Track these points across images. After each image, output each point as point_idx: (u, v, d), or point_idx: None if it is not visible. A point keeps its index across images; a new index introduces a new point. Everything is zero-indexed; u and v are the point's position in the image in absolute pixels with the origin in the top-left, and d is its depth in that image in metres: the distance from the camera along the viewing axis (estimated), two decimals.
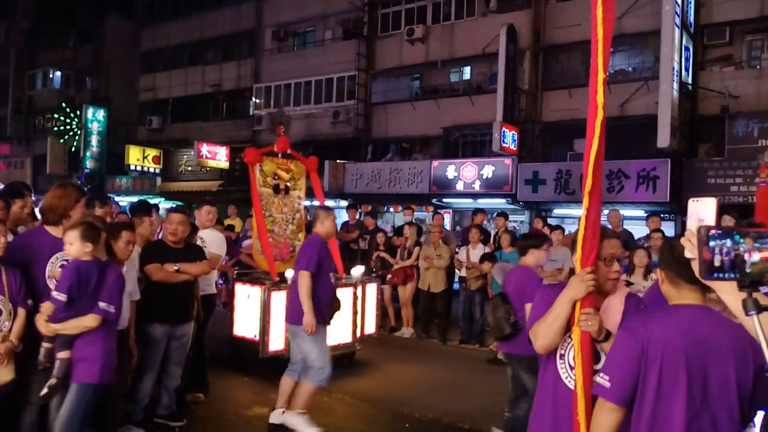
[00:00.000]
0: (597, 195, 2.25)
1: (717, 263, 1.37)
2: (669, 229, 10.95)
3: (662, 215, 9.94)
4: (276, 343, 5.85)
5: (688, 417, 1.82)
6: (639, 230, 9.28)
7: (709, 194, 11.25)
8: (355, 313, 6.51)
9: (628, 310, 2.32)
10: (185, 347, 4.67)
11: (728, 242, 1.37)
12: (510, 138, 13.40)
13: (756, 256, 1.35)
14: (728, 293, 1.45)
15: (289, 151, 7.01)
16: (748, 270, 1.34)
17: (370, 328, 7.03)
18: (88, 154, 23.08)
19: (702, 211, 1.53)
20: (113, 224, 4.35)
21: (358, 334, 6.60)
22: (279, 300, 5.88)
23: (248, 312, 6.11)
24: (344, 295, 5.92)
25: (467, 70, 16.38)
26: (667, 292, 2.04)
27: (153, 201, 20.08)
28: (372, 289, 7.10)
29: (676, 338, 1.87)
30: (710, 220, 1.51)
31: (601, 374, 1.98)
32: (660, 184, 11.53)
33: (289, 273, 5.58)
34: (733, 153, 11.98)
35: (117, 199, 21.34)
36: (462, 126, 15.58)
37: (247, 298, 6.16)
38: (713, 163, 11.85)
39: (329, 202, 15.93)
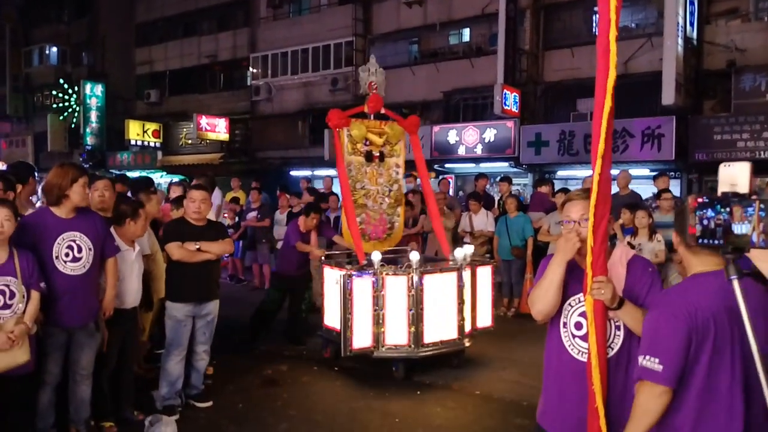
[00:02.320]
0: (608, 158, 2.16)
1: (701, 230, 1.45)
2: (675, 188, 10.86)
3: (668, 174, 9.86)
4: (361, 339, 5.08)
5: (735, 379, 1.82)
6: (644, 189, 9.22)
7: (715, 151, 11.24)
8: (461, 302, 5.32)
9: (634, 275, 2.27)
10: (211, 326, 4.62)
11: (711, 211, 1.43)
12: (512, 100, 13.22)
13: (745, 227, 1.38)
14: (764, 260, 1.42)
15: (383, 111, 6.05)
16: (731, 238, 1.40)
17: (485, 320, 5.71)
18: (88, 130, 22.93)
19: (735, 176, 1.48)
20: (130, 203, 4.35)
21: (468, 327, 5.45)
22: (363, 287, 5.07)
23: (334, 300, 5.36)
24: (444, 281, 5.24)
25: (466, 32, 16.07)
26: (685, 257, 1.97)
27: (155, 175, 20.07)
28: (485, 273, 5.74)
29: (720, 307, 1.80)
30: (744, 185, 1.46)
31: (648, 357, 1.87)
32: (665, 142, 11.42)
33: (376, 256, 5.12)
34: (740, 108, 11.80)
35: (118, 173, 21.33)
36: (462, 89, 15.35)
37: (335, 284, 5.33)
38: (719, 119, 11.67)
39: (329, 171, 15.88)
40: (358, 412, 4.53)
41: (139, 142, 22.19)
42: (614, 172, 8.16)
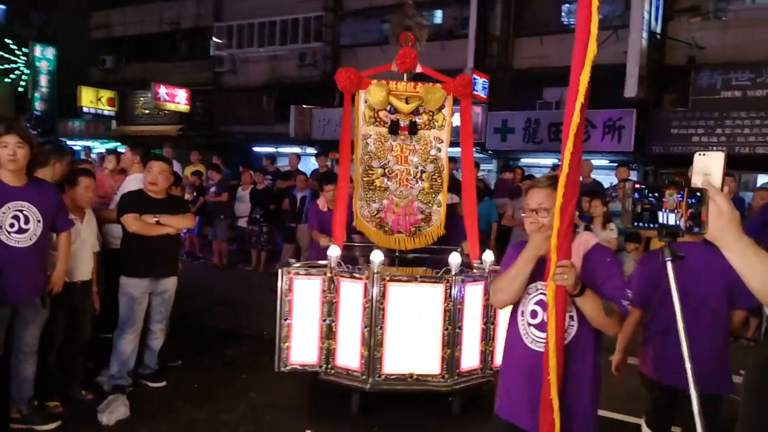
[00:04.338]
0: (580, 139, 2.10)
1: (635, 214, 1.54)
2: (633, 179, 11.14)
3: (628, 165, 10.07)
4: (303, 353, 4.13)
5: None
6: (603, 179, 9.42)
7: (672, 144, 11.55)
8: (449, 328, 4.05)
9: (592, 264, 2.24)
10: (167, 304, 4.47)
11: (644, 197, 1.52)
12: (481, 86, 13.22)
13: (671, 215, 1.49)
14: (733, 251, 1.45)
15: (419, 70, 4.76)
16: (663, 222, 1.51)
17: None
18: (36, 95, 21.86)
19: (709, 166, 1.48)
20: (72, 170, 4.14)
21: (470, 363, 4.16)
22: (308, 290, 4.12)
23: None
24: (422, 296, 4.03)
25: (438, 13, 15.94)
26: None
27: (109, 145, 19.35)
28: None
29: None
30: (717, 175, 1.46)
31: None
32: (625, 134, 11.64)
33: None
34: (697, 104, 12.14)
35: (70, 143, 20.47)
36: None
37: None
38: (677, 113, 11.99)
39: (294, 149, 15.63)
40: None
41: (92, 110, 21.27)
42: None
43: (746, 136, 11.02)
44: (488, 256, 4.30)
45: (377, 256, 4.01)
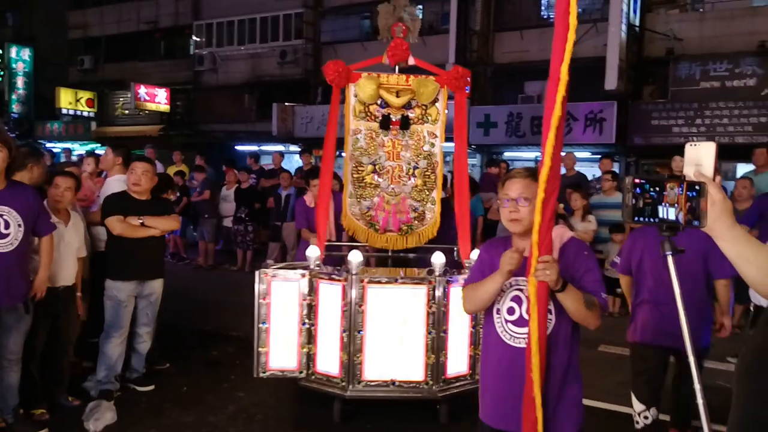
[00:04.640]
0: (561, 132, 2.06)
1: (636, 209, 1.53)
2: (614, 170, 11.24)
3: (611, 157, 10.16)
4: (282, 358, 3.98)
5: None
6: (586, 172, 9.50)
7: (652, 136, 11.68)
8: (433, 332, 3.84)
9: (567, 258, 2.21)
10: (154, 307, 4.41)
11: (645, 191, 1.52)
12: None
13: (670, 210, 1.48)
14: (725, 240, 1.46)
15: (411, 62, 4.53)
16: (663, 217, 1.50)
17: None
18: (14, 97, 21.49)
19: (700, 156, 1.47)
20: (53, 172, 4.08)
21: (457, 369, 3.99)
22: (286, 292, 3.93)
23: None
24: (404, 298, 3.83)
25: (419, 9, 15.93)
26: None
27: (90, 147, 19.07)
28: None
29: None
30: (708, 165, 1.45)
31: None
32: (606, 126, 11.75)
33: (438, 258, 3.83)
34: (676, 95, 12.29)
35: (49, 145, 20.15)
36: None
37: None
38: (657, 105, 12.12)
39: (277, 147, 15.54)
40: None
41: (71, 112, 20.96)
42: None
43: (725, 126, 11.19)
44: (476, 255, 4.13)
45: (356, 257, 3.82)
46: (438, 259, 3.86)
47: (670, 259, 1.56)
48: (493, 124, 12.82)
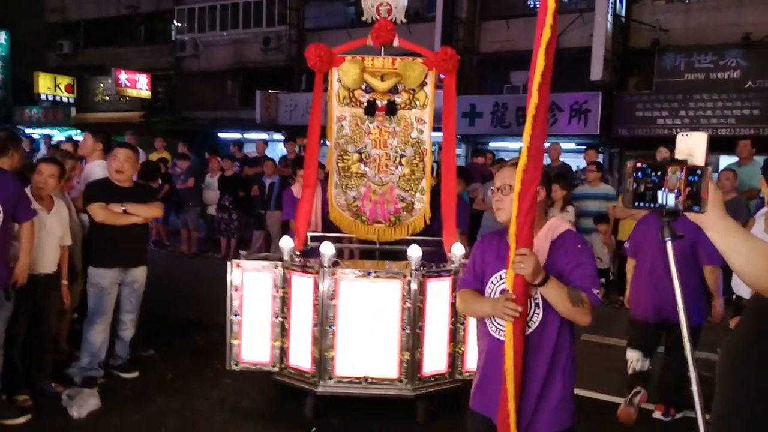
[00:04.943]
0: (539, 123, 2.02)
1: (637, 194, 1.51)
2: (599, 161, 11.30)
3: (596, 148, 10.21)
4: (254, 351, 3.87)
5: None
6: (570, 162, 9.54)
7: (636, 127, 11.77)
8: (408, 328, 3.66)
9: (559, 251, 2.16)
10: (138, 294, 4.39)
11: (646, 176, 1.49)
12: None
13: (669, 196, 1.46)
14: (716, 231, 1.46)
15: (396, 43, 4.28)
16: (662, 203, 1.48)
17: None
18: None
19: (692, 146, 1.47)
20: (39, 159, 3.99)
21: (434, 367, 3.78)
22: (258, 283, 3.83)
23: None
24: (376, 293, 3.66)
25: None
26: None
27: (69, 133, 18.73)
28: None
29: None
30: (700, 155, 1.45)
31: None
32: (591, 117, 11.81)
33: (415, 251, 3.61)
34: (661, 86, 12.37)
35: (28, 131, 19.76)
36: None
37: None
38: (642, 96, 12.20)
39: (260, 135, 15.38)
40: None
41: (50, 97, 20.55)
42: (545, 145, 8.36)
43: (709, 118, 11.30)
44: (458, 249, 3.86)
45: (327, 249, 3.63)
46: (414, 252, 3.65)
47: (669, 245, 1.55)
48: (478, 114, 12.82)
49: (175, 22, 18.66)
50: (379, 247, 4.50)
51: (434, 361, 3.74)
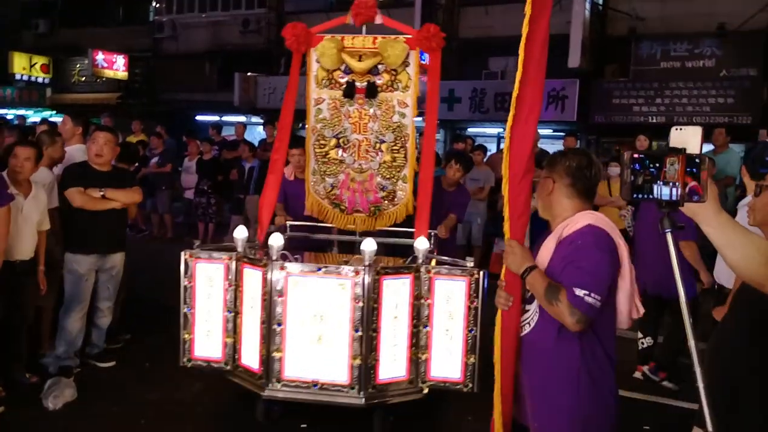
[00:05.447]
0: (526, 113, 2.06)
1: (635, 185, 1.49)
2: (578, 147, 11.45)
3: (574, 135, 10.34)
4: (206, 347, 3.64)
5: None
6: (548, 149, 9.66)
7: (613, 114, 11.91)
8: (363, 330, 3.35)
9: (564, 248, 2.07)
10: (116, 281, 4.37)
11: (644, 167, 1.47)
12: (428, 55, 13.19)
13: (665, 188, 1.45)
14: (711, 226, 1.49)
15: (378, 21, 4.12)
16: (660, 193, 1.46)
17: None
18: None
19: (686, 140, 1.48)
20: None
21: (391, 374, 3.44)
22: (210, 275, 3.61)
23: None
24: (327, 290, 3.36)
25: None
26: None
27: (45, 114, 18.39)
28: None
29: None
30: (695, 148, 1.46)
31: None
32: (568, 104, 11.93)
33: (369, 245, 3.31)
34: (637, 74, 12.51)
35: (2, 111, 19.34)
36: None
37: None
38: (618, 83, 12.34)
39: (239, 118, 15.26)
40: None
41: (25, 77, 20.07)
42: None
43: (684, 105, 11.48)
44: (421, 243, 3.52)
45: (276, 240, 3.36)
46: (368, 246, 3.31)
47: (669, 236, 1.52)
48: (457, 99, 12.86)
49: (153, 3, 18.32)
50: (358, 238, 4.17)
51: (391, 367, 3.40)
